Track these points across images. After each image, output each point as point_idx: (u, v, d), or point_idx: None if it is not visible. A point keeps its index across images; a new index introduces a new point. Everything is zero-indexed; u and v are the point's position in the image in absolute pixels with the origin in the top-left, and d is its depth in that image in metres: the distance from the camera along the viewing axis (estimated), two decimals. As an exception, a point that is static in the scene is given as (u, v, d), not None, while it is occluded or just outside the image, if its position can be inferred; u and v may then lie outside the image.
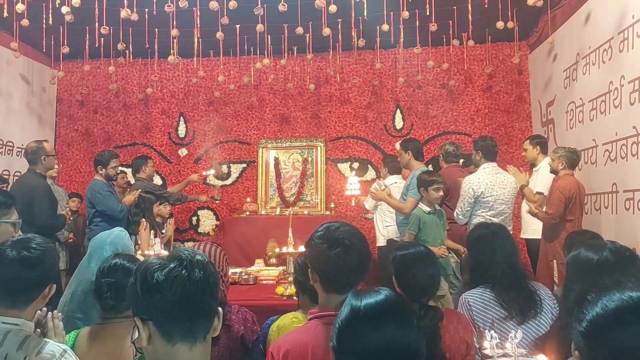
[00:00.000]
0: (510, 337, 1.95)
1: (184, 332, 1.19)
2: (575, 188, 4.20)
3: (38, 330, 1.86)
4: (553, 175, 4.35)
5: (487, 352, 1.96)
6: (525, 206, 4.75)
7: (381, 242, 5.60)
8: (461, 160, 5.35)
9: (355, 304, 1.18)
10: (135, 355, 1.94)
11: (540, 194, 4.52)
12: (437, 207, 4.31)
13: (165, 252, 4.36)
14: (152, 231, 4.88)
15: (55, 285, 1.85)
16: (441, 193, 4.24)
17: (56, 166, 5.57)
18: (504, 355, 1.95)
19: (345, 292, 1.70)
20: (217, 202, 6.35)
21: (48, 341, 1.75)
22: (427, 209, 4.22)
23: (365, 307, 1.17)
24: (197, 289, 1.19)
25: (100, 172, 5.05)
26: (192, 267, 1.20)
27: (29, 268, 1.75)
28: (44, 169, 4.72)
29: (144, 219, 4.85)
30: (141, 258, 2.87)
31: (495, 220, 4.23)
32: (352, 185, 5.77)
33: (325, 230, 1.78)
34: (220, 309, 1.26)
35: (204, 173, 6.35)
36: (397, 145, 5.24)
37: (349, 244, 1.73)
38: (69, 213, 5.32)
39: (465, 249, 3.29)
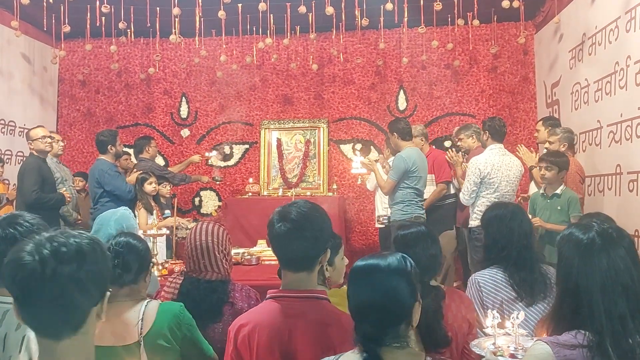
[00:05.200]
0: (512, 318, 1.96)
1: (45, 330, 1.14)
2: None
3: None
4: None
5: (489, 331, 1.97)
6: (533, 187, 4.74)
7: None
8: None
9: (356, 264, 1.48)
10: (140, 334, 1.97)
11: None
12: (558, 191, 4.04)
13: (166, 232, 4.39)
14: (154, 210, 4.91)
15: None
16: (542, 172, 4.07)
17: (61, 143, 5.56)
18: (505, 334, 1.96)
19: (298, 271, 1.76)
20: (217, 182, 6.34)
21: None
22: (540, 191, 4.19)
23: (360, 266, 1.46)
24: (56, 292, 1.09)
25: (111, 151, 5.07)
26: (46, 261, 1.10)
27: (11, 245, 1.71)
28: (36, 151, 4.88)
29: (138, 201, 4.88)
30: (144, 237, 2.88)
31: None
32: (357, 163, 5.74)
33: (283, 206, 1.80)
34: (108, 293, 1.21)
35: (206, 154, 6.33)
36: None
37: (295, 220, 1.73)
38: (73, 192, 5.35)
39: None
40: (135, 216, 4.64)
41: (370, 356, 1.37)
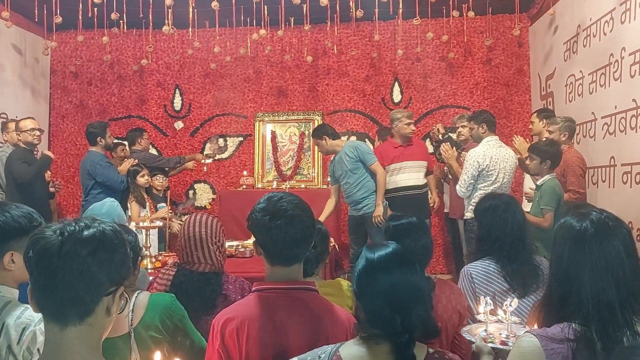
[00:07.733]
0: (505, 305, 1.96)
1: (53, 313, 1.13)
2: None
3: None
4: None
5: (481, 317, 1.97)
6: (527, 179, 4.73)
7: None
8: None
9: (370, 256, 1.44)
10: (131, 325, 1.96)
11: None
12: (539, 182, 4.03)
13: (159, 224, 4.37)
14: (147, 203, 4.89)
15: (9, 254, 1.70)
16: (527, 162, 4.18)
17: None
18: (497, 322, 1.96)
19: (291, 264, 1.71)
20: (209, 161, 6.26)
21: (27, 307, 1.71)
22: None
23: (378, 258, 1.43)
24: (68, 272, 1.10)
25: (100, 142, 5.05)
26: (66, 239, 1.11)
27: None
28: (23, 142, 4.93)
29: (131, 193, 4.86)
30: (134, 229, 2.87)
31: None
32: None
33: (267, 201, 1.73)
34: (122, 287, 1.20)
35: (202, 162, 6.27)
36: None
37: (291, 215, 1.67)
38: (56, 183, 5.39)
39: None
40: (127, 208, 4.63)
41: (405, 350, 1.34)
